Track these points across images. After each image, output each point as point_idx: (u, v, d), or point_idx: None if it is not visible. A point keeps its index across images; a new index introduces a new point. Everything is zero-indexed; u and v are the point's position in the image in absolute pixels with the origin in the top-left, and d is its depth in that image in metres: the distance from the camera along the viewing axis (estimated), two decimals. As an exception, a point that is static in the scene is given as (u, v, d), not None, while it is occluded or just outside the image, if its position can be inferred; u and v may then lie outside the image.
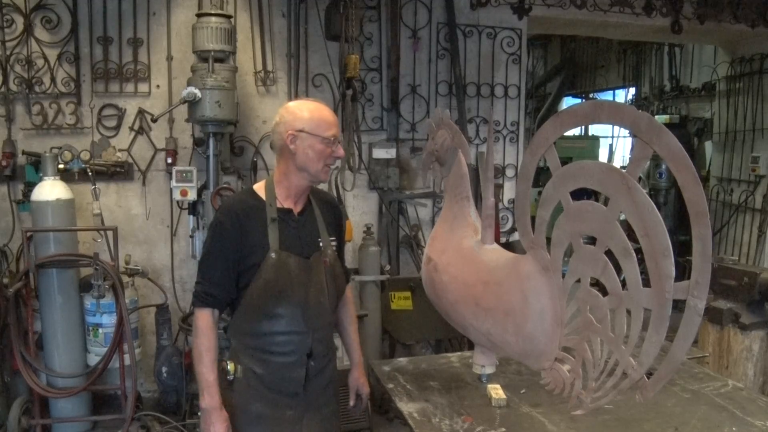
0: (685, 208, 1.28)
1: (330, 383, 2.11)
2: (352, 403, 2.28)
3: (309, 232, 2.02)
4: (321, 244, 2.02)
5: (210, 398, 1.90)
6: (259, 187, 2.03)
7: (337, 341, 2.26)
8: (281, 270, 1.91)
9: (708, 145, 6.92)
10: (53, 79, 3.85)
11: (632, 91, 8.65)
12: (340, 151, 1.96)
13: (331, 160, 1.95)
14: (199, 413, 2.01)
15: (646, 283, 1.37)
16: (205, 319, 1.93)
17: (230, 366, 1.96)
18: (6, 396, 3.58)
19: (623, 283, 1.43)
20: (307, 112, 1.95)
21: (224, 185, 3.64)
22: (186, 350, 3.74)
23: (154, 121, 3.78)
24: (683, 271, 1.46)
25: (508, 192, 4.85)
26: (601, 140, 9.00)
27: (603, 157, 8.80)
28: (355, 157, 4.18)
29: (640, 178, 1.40)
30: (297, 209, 2.01)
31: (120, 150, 3.99)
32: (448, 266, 1.95)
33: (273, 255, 1.91)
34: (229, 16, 3.66)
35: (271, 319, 1.94)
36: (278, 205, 1.98)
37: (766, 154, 5.55)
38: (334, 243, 2.08)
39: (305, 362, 1.98)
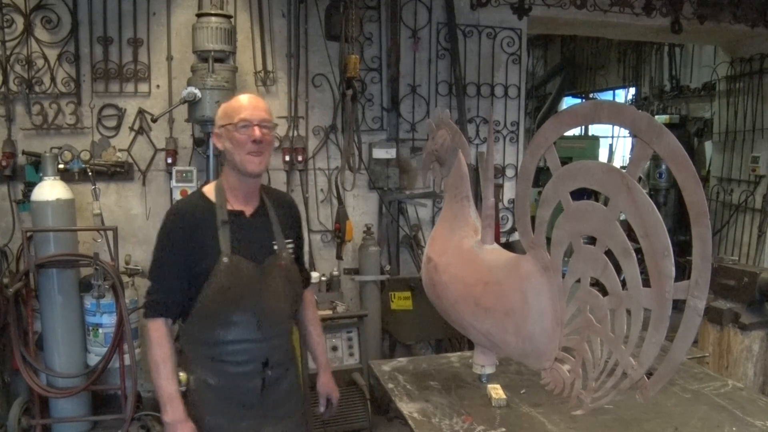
0: (685, 208, 1.28)
1: (291, 393, 2.02)
2: (322, 409, 2.20)
3: (262, 235, 1.93)
4: (276, 247, 1.94)
5: (173, 411, 1.82)
6: (209, 189, 1.94)
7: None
8: (234, 275, 1.84)
9: (708, 145, 6.92)
10: (53, 79, 3.85)
11: (632, 91, 8.65)
12: (255, 133, 1.82)
13: (253, 147, 1.83)
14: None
15: (646, 283, 1.37)
16: (158, 328, 1.86)
17: (182, 376, 1.89)
18: (6, 396, 3.58)
19: (623, 283, 1.43)
20: (222, 107, 1.91)
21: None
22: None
23: (154, 121, 3.78)
24: (683, 271, 1.46)
25: (508, 192, 4.85)
26: (601, 140, 9.00)
27: (603, 157, 8.80)
28: (355, 157, 4.18)
29: (640, 178, 1.40)
30: (249, 211, 1.93)
31: (120, 150, 3.99)
32: (448, 266, 1.95)
33: (225, 260, 1.83)
34: (229, 16, 3.66)
35: (225, 326, 1.86)
36: (229, 207, 1.89)
37: (766, 154, 5.55)
38: (290, 245, 2.00)
39: (261, 371, 1.90)
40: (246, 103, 1.87)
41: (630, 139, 8.27)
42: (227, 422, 1.89)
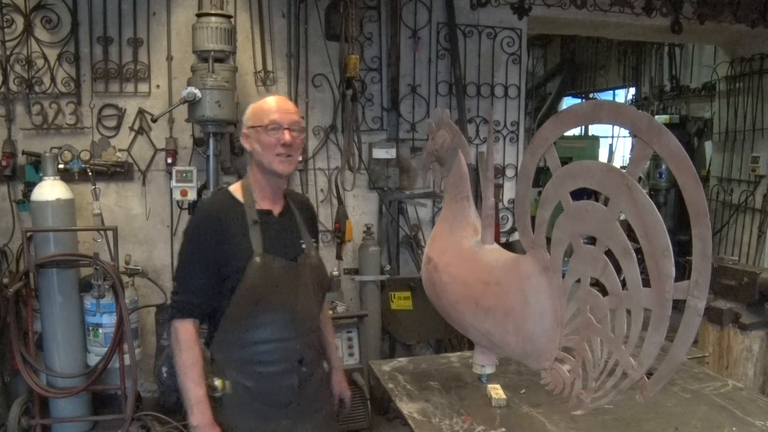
0: (685, 208, 1.28)
1: (321, 387, 2.06)
2: (335, 408, 2.21)
3: (291, 234, 1.95)
4: (304, 246, 1.96)
5: (201, 415, 1.80)
6: (236, 188, 1.95)
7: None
8: (267, 275, 1.84)
9: (708, 145, 6.92)
10: (53, 79, 3.85)
11: (632, 91, 8.66)
12: (285, 137, 1.82)
13: (282, 150, 1.84)
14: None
15: (646, 283, 1.37)
16: (187, 331, 1.84)
17: (218, 382, 1.86)
18: (6, 396, 3.58)
19: (623, 283, 1.43)
20: (251, 108, 1.91)
21: (224, 185, 3.63)
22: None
23: (154, 121, 3.78)
24: (683, 271, 1.46)
25: (508, 192, 4.85)
26: (601, 140, 9.01)
27: (603, 157, 8.80)
28: (355, 157, 4.18)
29: (640, 178, 1.40)
30: (276, 210, 1.95)
31: (120, 150, 4.00)
32: (448, 266, 1.95)
33: (258, 259, 1.82)
34: (229, 16, 3.66)
35: (258, 327, 1.86)
36: (257, 207, 1.90)
37: (766, 154, 5.55)
38: (315, 244, 2.04)
39: (297, 369, 1.91)
40: (275, 105, 1.87)
41: (630, 139, 8.27)
42: (266, 424, 1.89)
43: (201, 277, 1.84)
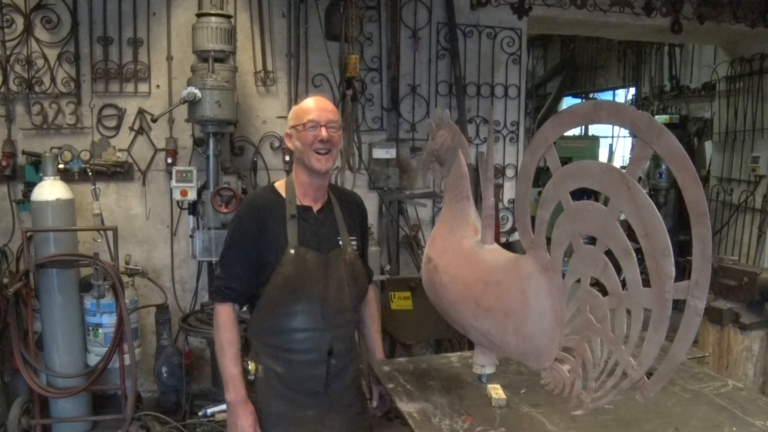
0: (685, 208, 1.28)
1: (353, 383, 2.12)
2: (375, 403, 2.30)
3: (328, 231, 2.03)
4: (340, 243, 2.03)
5: (235, 392, 1.92)
6: (281, 184, 2.05)
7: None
8: (299, 266, 1.93)
9: (708, 145, 6.93)
10: (53, 79, 3.85)
11: (632, 91, 8.66)
12: (322, 134, 1.93)
13: (320, 146, 1.94)
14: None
15: (646, 283, 1.37)
16: (226, 313, 1.96)
17: (251, 365, 1.98)
18: (6, 396, 3.58)
19: (623, 283, 1.43)
20: (293, 109, 2.05)
21: (224, 185, 3.64)
22: (186, 350, 3.74)
23: (154, 121, 3.78)
24: (683, 271, 1.46)
25: (508, 192, 4.85)
26: (601, 140, 9.01)
27: (603, 157, 8.80)
28: (355, 157, 4.18)
29: (640, 178, 1.40)
30: (316, 207, 2.04)
31: (120, 150, 4.00)
32: (448, 266, 1.95)
33: (292, 251, 1.92)
34: (229, 16, 3.66)
35: (290, 315, 1.95)
36: (298, 203, 2.00)
37: (766, 154, 5.55)
38: (354, 242, 2.09)
39: (326, 360, 1.99)
40: (314, 104, 1.99)
41: (630, 139, 8.27)
42: (294, 410, 1.98)
43: (241, 264, 1.96)
